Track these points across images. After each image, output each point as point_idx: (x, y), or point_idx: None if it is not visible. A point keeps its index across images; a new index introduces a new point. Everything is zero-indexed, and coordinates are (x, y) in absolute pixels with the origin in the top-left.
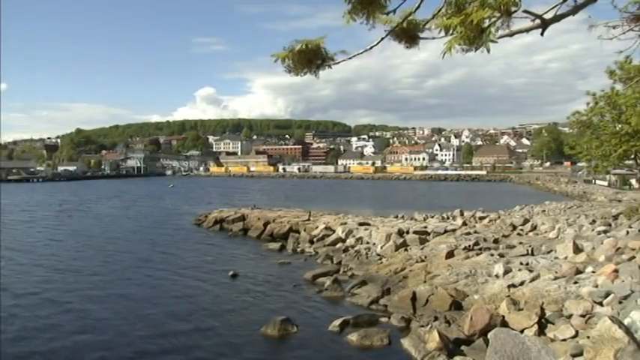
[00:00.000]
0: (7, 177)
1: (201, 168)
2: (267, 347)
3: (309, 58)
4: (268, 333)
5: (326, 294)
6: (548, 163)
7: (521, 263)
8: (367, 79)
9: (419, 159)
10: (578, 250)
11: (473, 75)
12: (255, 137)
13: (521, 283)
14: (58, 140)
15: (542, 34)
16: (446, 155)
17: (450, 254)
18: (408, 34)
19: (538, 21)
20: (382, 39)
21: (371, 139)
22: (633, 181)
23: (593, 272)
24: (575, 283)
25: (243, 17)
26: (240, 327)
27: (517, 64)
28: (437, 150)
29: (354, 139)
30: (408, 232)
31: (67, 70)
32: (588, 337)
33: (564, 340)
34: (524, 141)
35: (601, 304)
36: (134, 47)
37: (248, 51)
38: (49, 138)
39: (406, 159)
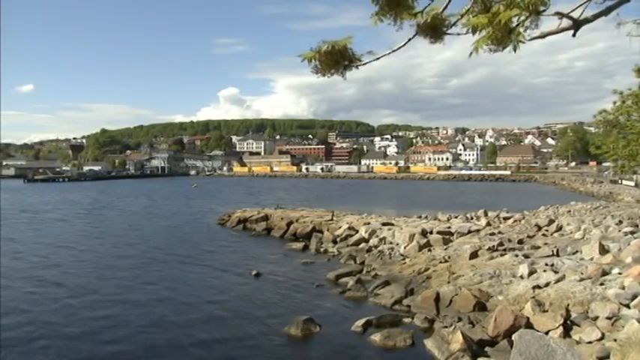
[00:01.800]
0: (34, 176)
1: (225, 168)
2: (290, 347)
3: (336, 59)
4: (291, 332)
5: (349, 294)
6: (573, 163)
7: (546, 264)
8: (390, 78)
9: (442, 159)
10: (604, 251)
11: (496, 74)
12: (278, 137)
13: (546, 284)
14: (84, 140)
15: (574, 35)
16: (470, 155)
17: (473, 255)
18: (434, 28)
19: (569, 21)
20: (410, 39)
21: (394, 139)
22: None
23: (620, 274)
24: (602, 284)
25: (265, 17)
26: (263, 326)
27: (541, 63)
28: (461, 150)
29: (377, 138)
30: (431, 233)
31: (90, 71)
32: (615, 340)
33: (590, 342)
34: (549, 141)
35: (628, 306)
36: (157, 48)
37: (270, 51)
38: (74, 138)
39: (430, 159)
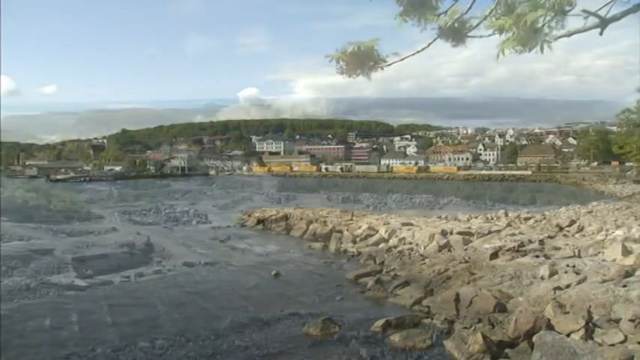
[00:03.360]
0: (56, 176)
1: (244, 168)
2: (308, 346)
3: (362, 60)
4: (310, 332)
5: (368, 294)
6: (595, 163)
7: (568, 265)
8: (410, 78)
9: (462, 159)
10: (627, 252)
11: (517, 73)
12: (297, 137)
13: (568, 286)
14: (104, 140)
15: (601, 33)
16: (490, 155)
17: (494, 255)
18: (456, 32)
19: (595, 19)
20: (434, 40)
21: (414, 139)
22: None
23: None
24: (624, 286)
25: (287, 17)
26: (282, 325)
27: (563, 62)
28: (481, 150)
29: (396, 138)
30: (451, 233)
31: (111, 71)
32: (639, 343)
33: (613, 345)
34: (571, 140)
35: None
36: (177, 48)
37: (291, 51)
38: (95, 138)
39: (449, 159)
